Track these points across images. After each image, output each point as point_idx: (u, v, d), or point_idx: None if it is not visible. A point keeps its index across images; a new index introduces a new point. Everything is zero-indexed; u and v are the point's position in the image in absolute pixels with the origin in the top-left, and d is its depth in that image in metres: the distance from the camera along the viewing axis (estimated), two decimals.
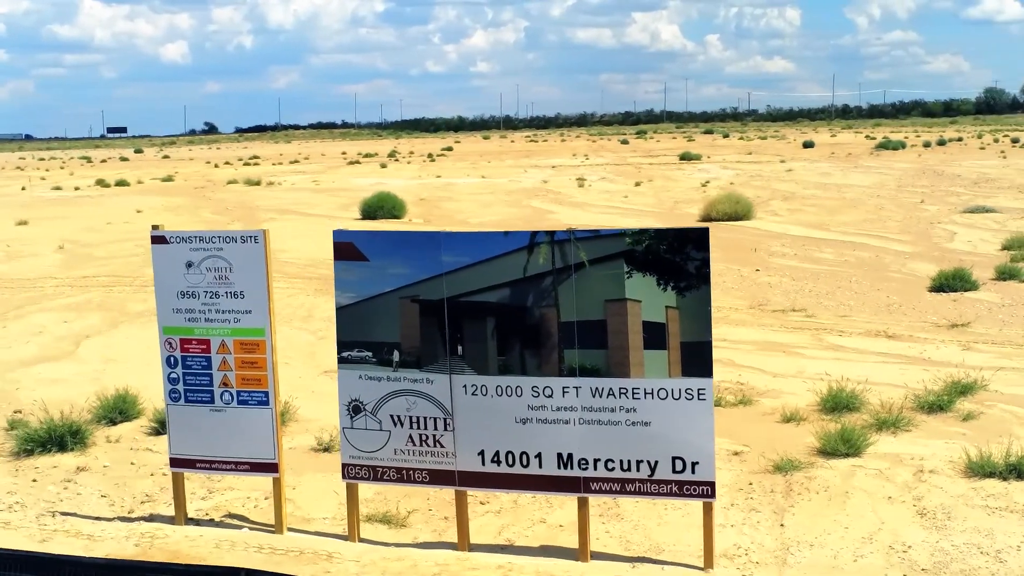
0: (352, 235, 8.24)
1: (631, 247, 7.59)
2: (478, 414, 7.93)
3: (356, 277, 8.13)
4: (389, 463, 8.19)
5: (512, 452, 7.91)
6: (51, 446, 10.36)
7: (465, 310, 7.89)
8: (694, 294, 7.51)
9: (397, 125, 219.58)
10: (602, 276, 7.65)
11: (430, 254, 7.91)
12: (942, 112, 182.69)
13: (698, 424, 7.56)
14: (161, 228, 8.66)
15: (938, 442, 10.12)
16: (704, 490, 7.63)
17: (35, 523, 8.83)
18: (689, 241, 7.54)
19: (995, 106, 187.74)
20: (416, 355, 8.03)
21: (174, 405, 8.60)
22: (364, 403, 8.16)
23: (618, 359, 7.63)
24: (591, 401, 7.70)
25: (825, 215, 33.38)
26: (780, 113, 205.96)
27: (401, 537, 8.50)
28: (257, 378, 8.38)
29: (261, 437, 8.43)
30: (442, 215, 35.48)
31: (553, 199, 41.34)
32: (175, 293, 8.49)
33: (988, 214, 31.65)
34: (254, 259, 8.31)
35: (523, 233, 7.83)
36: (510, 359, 7.85)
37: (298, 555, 8.06)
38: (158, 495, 9.42)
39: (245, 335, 8.37)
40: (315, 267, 23.32)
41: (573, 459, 7.79)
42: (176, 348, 8.54)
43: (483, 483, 8.07)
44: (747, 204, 32.75)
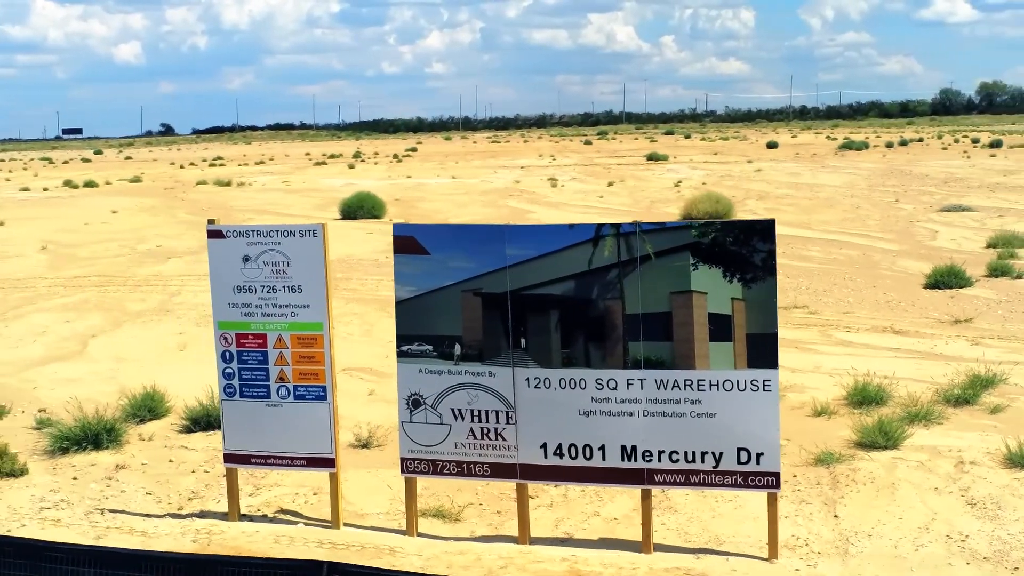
0: (413, 229, 8.26)
1: (697, 239, 7.65)
2: (541, 407, 7.96)
3: (416, 271, 8.13)
4: (449, 457, 8.20)
5: (575, 444, 7.94)
6: (86, 444, 10.31)
7: (529, 303, 7.92)
8: (760, 286, 7.58)
9: (355, 126, 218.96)
10: (668, 268, 7.70)
11: (494, 247, 7.93)
12: (898, 113, 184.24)
13: (763, 415, 7.63)
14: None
15: (972, 434, 10.23)
16: (769, 481, 7.70)
17: (85, 520, 8.78)
18: (755, 233, 7.61)
19: (951, 107, 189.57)
20: (478, 348, 8.05)
21: (228, 400, 8.58)
22: (424, 397, 8.18)
23: (684, 351, 7.69)
24: (656, 393, 7.74)
25: (804, 214, 33.59)
26: (738, 114, 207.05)
27: (457, 531, 8.52)
28: (315, 372, 8.38)
29: (318, 432, 8.42)
30: (420, 215, 35.44)
31: (528, 199, 41.38)
32: (231, 288, 8.47)
33: (965, 212, 31.97)
34: (313, 253, 8.31)
35: (588, 226, 7.87)
36: (574, 352, 7.88)
37: (360, 550, 8.06)
38: (204, 492, 9.39)
39: (303, 329, 8.36)
40: (336, 266, 23.18)
41: (637, 451, 7.83)
42: (231, 343, 8.52)
43: (545, 476, 8.10)
44: (727, 203, 32.93)
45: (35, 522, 8.75)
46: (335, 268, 21.96)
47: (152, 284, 20.97)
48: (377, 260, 24.06)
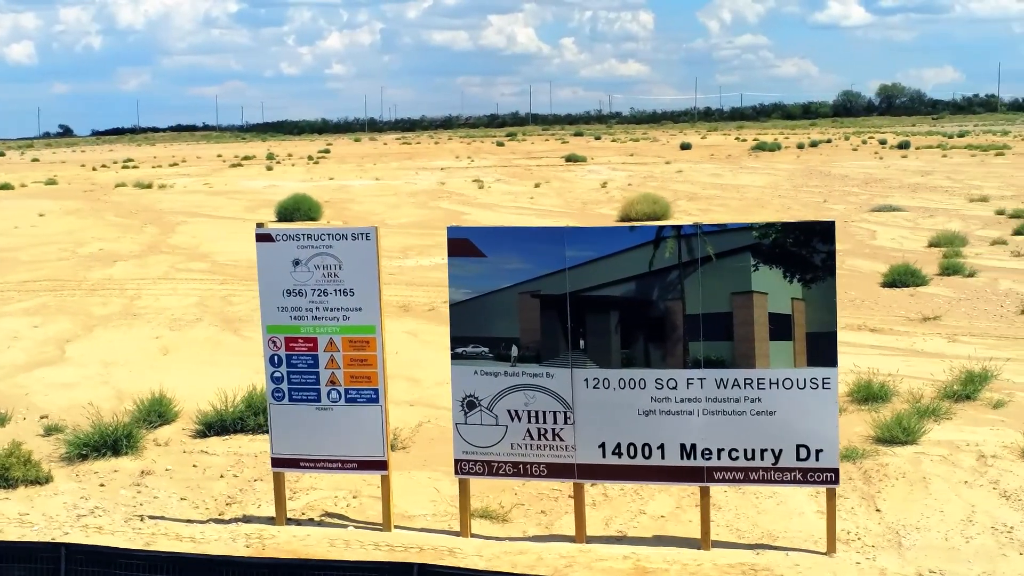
0: (468, 231, 8.30)
1: (758, 240, 7.79)
2: (600, 407, 8.04)
3: (471, 273, 8.17)
4: (505, 457, 8.25)
5: (634, 444, 8.03)
6: (105, 450, 10.19)
7: (588, 304, 8.00)
8: (820, 285, 7.73)
9: (259, 127, 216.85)
10: (729, 269, 7.82)
11: (553, 249, 8.00)
12: (801, 115, 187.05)
13: (823, 412, 7.78)
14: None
15: (983, 429, 10.50)
16: (828, 476, 7.86)
17: (127, 527, 8.70)
18: (815, 234, 7.76)
19: (851, 109, 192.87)
20: (536, 350, 8.11)
21: (277, 404, 8.55)
22: (479, 398, 8.22)
23: (744, 350, 7.82)
24: (716, 392, 7.86)
25: (738, 214, 34.04)
26: (643, 116, 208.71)
27: (508, 531, 8.57)
28: (367, 375, 8.38)
29: (370, 434, 8.43)
30: (355, 216, 35.29)
31: (459, 200, 41.41)
32: (280, 291, 8.44)
33: (896, 212, 32.61)
34: (365, 256, 8.31)
35: (649, 228, 7.98)
36: (634, 352, 7.98)
37: (419, 551, 8.08)
38: (240, 497, 9.34)
39: (355, 332, 8.36)
40: None
41: (696, 449, 7.95)
42: (280, 347, 8.49)
43: (603, 475, 8.19)
44: (664, 204, 33.30)
45: (76, 530, 8.64)
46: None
47: (108, 288, 20.67)
48: None
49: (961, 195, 38.45)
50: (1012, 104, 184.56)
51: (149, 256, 25.57)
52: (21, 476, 9.52)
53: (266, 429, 10.30)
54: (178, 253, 26.01)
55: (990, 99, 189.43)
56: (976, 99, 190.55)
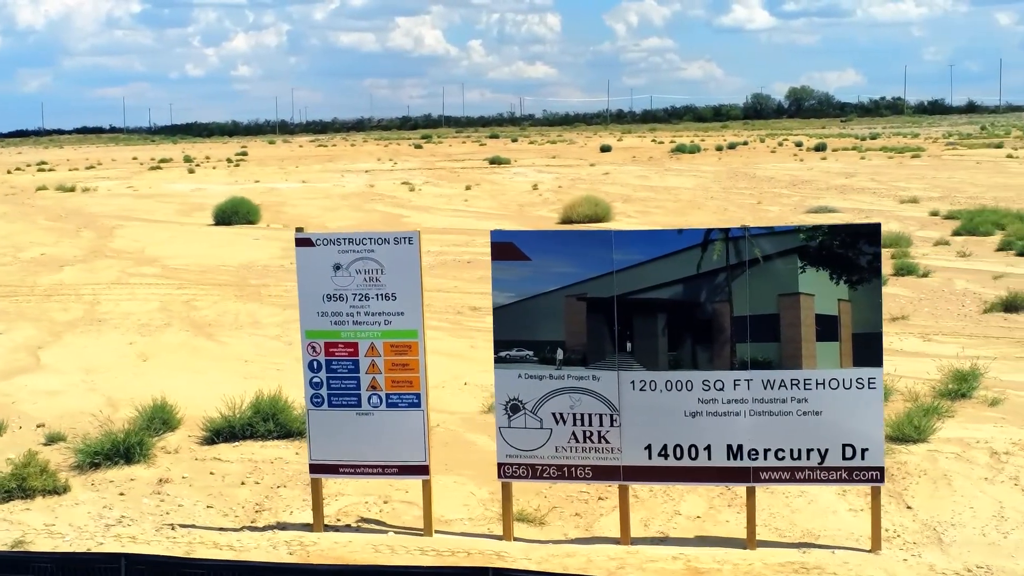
0: (512, 235, 8.30)
1: (805, 243, 7.89)
2: (646, 409, 8.09)
3: (515, 276, 8.19)
4: (550, 461, 8.27)
5: (680, 445, 8.10)
6: (118, 459, 10.03)
7: (635, 307, 8.05)
8: (866, 287, 7.86)
9: (168, 129, 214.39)
10: (776, 271, 7.92)
11: (600, 252, 8.03)
12: (712, 117, 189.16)
13: (868, 412, 7.90)
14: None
15: (987, 426, 10.72)
16: (873, 475, 7.98)
17: (160, 536, 8.58)
18: (862, 236, 7.88)
19: (762, 111, 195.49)
20: (582, 352, 8.14)
21: (316, 410, 8.49)
22: (524, 402, 8.23)
23: (791, 351, 7.92)
24: (762, 393, 7.95)
25: (676, 215, 34.35)
26: (556, 118, 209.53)
27: (548, 534, 8.59)
28: (408, 380, 8.35)
29: (412, 439, 8.41)
30: (293, 219, 34.92)
31: (393, 203, 41.32)
32: (320, 296, 8.39)
33: (831, 214, 33.08)
34: (408, 260, 8.29)
35: (697, 231, 8.05)
36: (681, 354, 8.04)
37: (466, 556, 8.08)
38: (267, 504, 9.26)
39: (397, 337, 8.33)
40: (212, 273, 22.90)
41: (743, 450, 8.03)
42: (320, 352, 8.43)
43: (648, 477, 8.25)
44: (605, 207, 33.48)
45: (109, 540, 8.52)
46: (242, 274, 21.69)
47: (63, 294, 20.34)
48: (283, 266, 23.75)
49: (889, 196, 39.14)
50: (918, 107, 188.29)
51: (95, 261, 25.19)
52: (39, 486, 9.36)
53: (277, 435, 10.31)
54: (124, 258, 25.65)
55: (896, 102, 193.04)
56: (883, 102, 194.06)
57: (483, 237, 28.15)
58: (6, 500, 9.29)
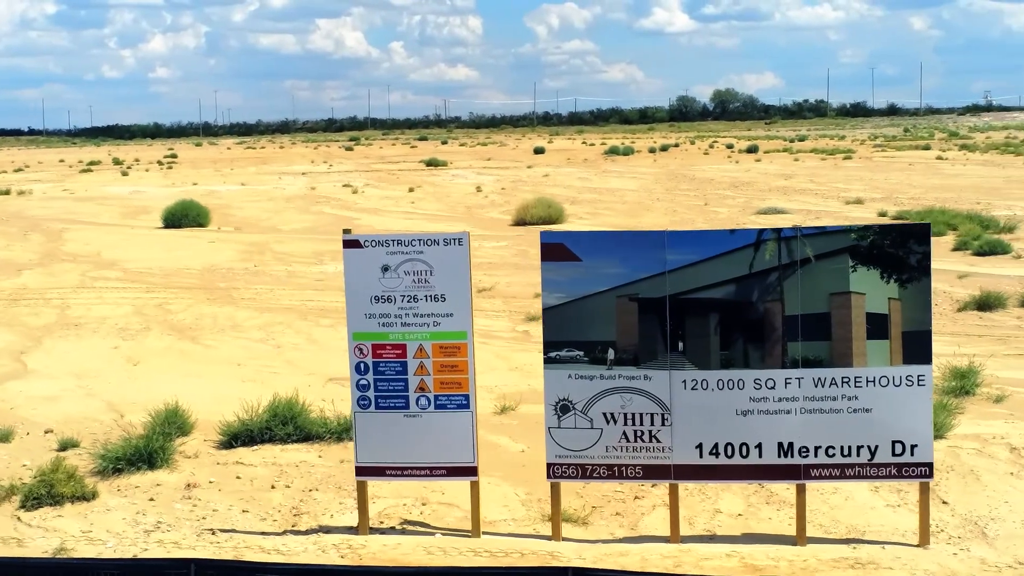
0: (562, 236, 8.33)
1: (856, 242, 7.99)
2: (697, 408, 8.15)
3: (565, 277, 8.20)
4: (600, 460, 8.30)
5: (732, 443, 8.16)
6: (140, 463, 9.91)
7: (688, 307, 8.10)
8: (916, 285, 7.97)
9: (88, 132, 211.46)
10: (827, 270, 8.01)
11: (653, 253, 8.08)
12: (638, 119, 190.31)
13: (918, 409, 8.02)
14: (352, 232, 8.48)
15: (998, 422, 10.91)
16: (922, 471, 8.10)
17: (203, 541, 8.51)
18: (912, 236, 8.00)
19: (687, 113, 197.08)
20: (633, 352, 8.18)
21: (362, 412, 8.45)
22: (573, 402, 8.25)
23: (842, 350, 8.01)
24: (813, 391, 8.04)
25: (627, 217, 34.53)
26: (483, 120, 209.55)
27: (595, 534, 8.62)
28: (457, 381, 8.34)
29: (460, 441, 8.40)
30: (242, 222, 34.79)
31: (339, 205, 41.16)
32: (368, 298, 8.35)
33: (781, 215, 33.44)
34: (457, 261, 8.28)
35: (750, 231, 8.12)
36: (733, 353, 8.11)
37: (520, 556, 8.09)
38: (304, 507, 9.20)
39: (446, 338, 8.32)
40: (177, 277, 22.66)
41: (794, 447, 8.11)
42: (367, 354, 8.40)
43: (699, 475, 8.30)
44: (559, 208, 33.60)
45: (152, 545, 8.42)
46: (207, 277, 21.51)
47: (29, 298, 20.02)
48: (247, 269, 23.57)
49: (832, 198, 39.65)
50: (840, 109, 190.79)
51: (52, 264, 24.83)
52: (68, 492, 9.22)
53: (296, 439, 10.21)
54: (81, 261, 25.29)
55: (819, 104, 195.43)
56: (806, 104, 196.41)
57: None
58: (36, 507, 9.15)
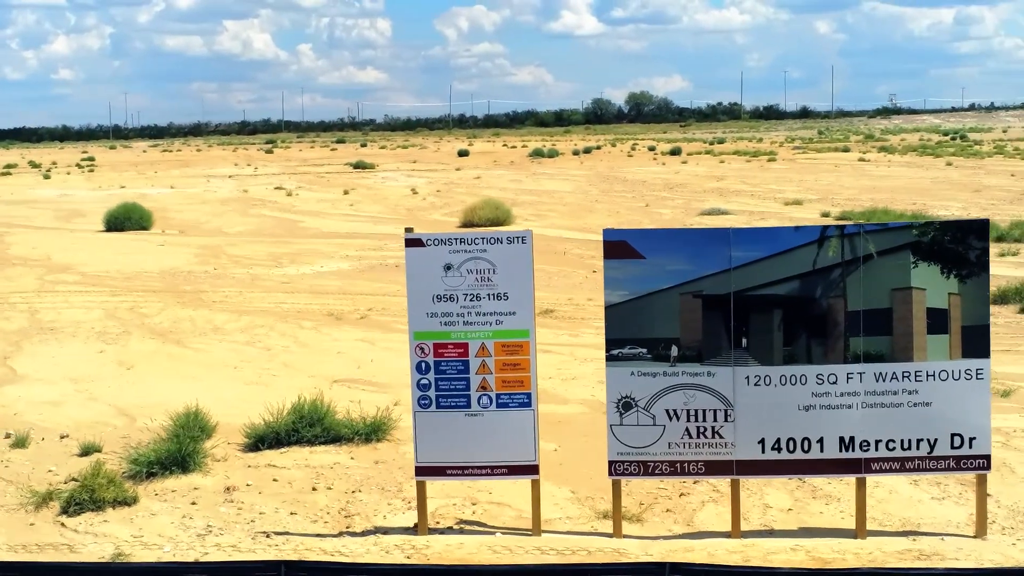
0: (625, 234, 8.36)
1: (917, 238, 8.12)
2: (760, 404, 8.22)
3: (628, 275, 8.24)
4: (662, 457, 8.35)
5: (794, 439, 8.25)
6: (173, 467, 9.79)
7: (752, 303, 8.17)
8: (974, 280, 8.12)
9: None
10: (889, 266, 8.13)
11: (718, 250, 8.14)
12: (554, 122, 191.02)
13: (976, 402, 8.17)
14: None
15: (1012, 416, 11.16)
16: (980, 463, 8.25)
17: (259, 544, 8.44)
18: (971, 232, 8.15)
19: (602, 116, 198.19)
20: (697, 349, 8.24)
21: (423, 412, 8.42)
22: (636, 399, 8.29)
23: (903, 344, 8.14)
24: (874, 385, 8.16)
25: (572, 218, 34.70)
26: (398, 123, 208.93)
27: (652, 530, 8.66)
28: (519, 380, 8.35)
29: (522, 439, 8.40)
30: (184, 226, 34.39)
31: (277, 208, 40.92)
32: (430, 297, 8.32)
33: (725, 216, 33.78)
34: (520, 260, 8.28)
35: (814, 228, 8.22)
36: (796, 349, 8.20)
37: (587, 554, 8.11)
38: (351, 508, 9.15)
39: (508, 337, 8.32)
40: (137, 280, 22.37)
41: (855, 442, 8.22)
42: (428, 353, 8.37)
43: (761, 470, 8.37)
44: (506, 210, 33.63)
45: (212, 549, 8.34)
46: (169, 281, 21.27)
47: None
48: (207, 272, 23.32)
49: (768, 199, 40.11)
50: (754, 112, 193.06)
51: (4, 269, 24.35)
52: (110, 497, 9.09)
53: (323, 440, 10.14)
54: (33, 265, 24.86)
55: (733, 107, 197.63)
56: (720, 107, 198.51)
57: (395, 241, 28.02)
58: (78, 512, 9.00)
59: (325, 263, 24.59)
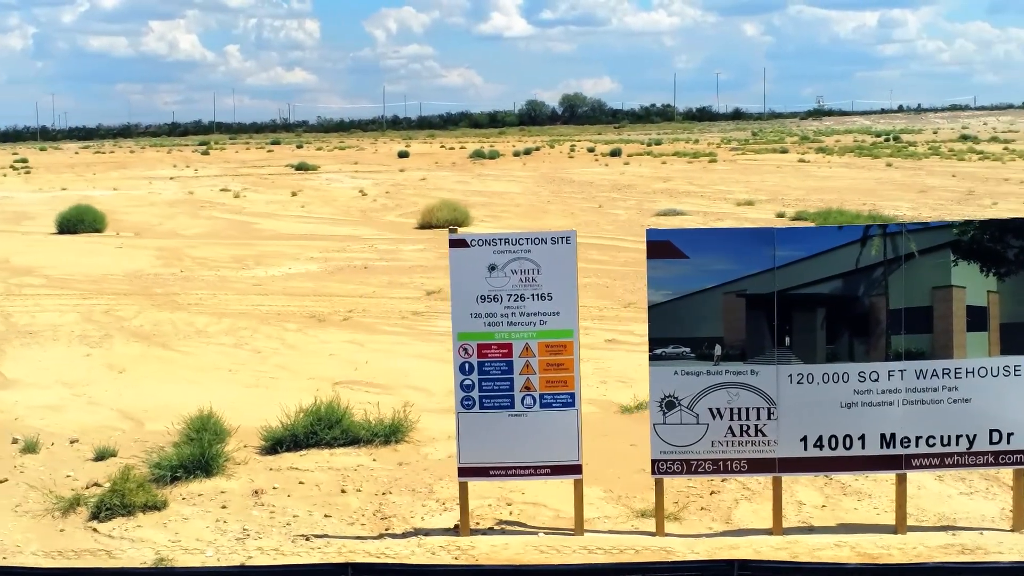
0: (669, 234, 8.39)
1: (957, 237, 8.23)
2: (803, 402, 8.29)
3: (671, 275, 8.28)
4: (705, 456, 8.39)
5: (836, 436, 8.33)
6: (196, 471, 9.70)
7: (795, 302, 8.24)
8: (1013, 278, 8.25)
9: None
10: (930, 265, 8.23)
11: (762, 250, 8.20)
12: (488, 123, 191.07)
13: (1015, 398, 8.30)
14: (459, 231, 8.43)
15: None
16: (1019, 458, 8.38)
17: (298, 546, 8.38)
18: (1010, 231, 8.28)
19: (536, 117, 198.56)
20: (740, 348, 8.29)
21: (466, 413, 8.41)
22: (679, 398, 8.33)
23: (943, 342, 8.25)
24: (915, 382, 8.26)
25: (527, 219, 34.74)
26: (331, 124, 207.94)
27: (692, 529, 8.69)
28: (563, 380, 8.36)
29: (565, 439, 8.41)
30: (138, 227, 34.03)
31: (227, 210, 40.61)
32: (474, 298, 8.31)
33: (681, 216, 33.99)
34: (564, 260, 8.29)
35: (857, 227, 8.31)
36: (838, 347, 8.28)
37: (635, 553, 8.14)
38: (385, 510, 9.10)
39: (552, 337, 8.32)
40: (105, 283, 22.13)
41: (896, 438, 8.32)
42: (472, 354, 8.35)
43: (802, 468, 8.44)
44: (464, 211, 33.64)
45: (255, 552, 8.26)
46: (137, 283, 21.07)
47: None
48: (175, 274, 23.11)
49: (718, 199, 40.40)
50: (687, 114, 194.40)
51: None
52: (140, 502, 8.97)
53: (343, 442, 10.09)
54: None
55: (666, 108, 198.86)
56: (653, 108, 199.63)
57: (356, 243, 27.98)
58: (108, 517, 8.89)
59: (292, 265, 24.44)
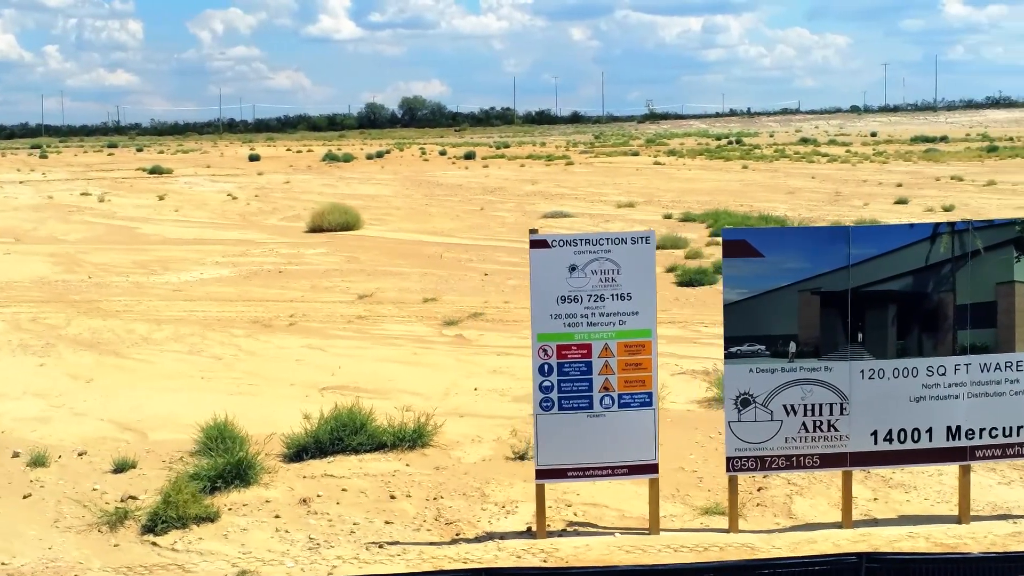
0: (744, 233, 8.49)
1: (1020, 234, 8.49)
2: (874, 396, 8.47)
3: (747, 273, 8.37)
4: (779, 452, 8.50)
5: (904, 429, 8.52)
6: (235, 481, 9.47)
7: (868, 299, 8.41)
8: None
9: None
10: (994, 261, 8.48)
11: (836, 248, 8.34)
12: (327, 126, 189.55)
13: None
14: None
15: None
16: None
17: (373, 555, 8.26)
18: None
19: (376, 121, 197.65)
20: (814, 345, 8.42)
21: (545, 415, 8.37)
22: (754, 396, 8.42)
23: (1006, 336, 8.51)
24: (980, 376, 8.51)
25: (414, 223, 34.68)
26: (165, 127, 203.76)
27: (758, 525, 8.79)
28: (641, 379, 8.38)
29: (643, 439, 8.43)
30: (12, 233, 32.93)
31: (96, 214, 39.72)
32: (555, 298, 8.28)
33: (568, 218, 34.27)
34: (643, 260, 8.31)
35: (927, 225, 8.50)
36: (908, 342, 8.47)
37: (720, 550, 8.21)
38: (446, 515, 9.00)
39: (630, 337, 8.34)
40: (13, 290, 21.36)
41: (961, 430, 8.55)
42: (552, 355, 8.32)
43: (872, 461, 8.62)
44: (355, 215, 33.41)
45: (336, 562, 8.11)
46: (48, 290, 20.47)
47: None
48: (84, 281, 22.45)
49: (595, 201, 40.84)
50: (527, 117, 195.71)
51: None
52: (194, 513, 8.73)
53: (368, 448, 9.98)
54: None
55: (507, 112, 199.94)
56: (494, 112, 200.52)
57: (255, 247, 27.54)
58: (165, 531, 8.60)
59: (203, 270, 23.92)
